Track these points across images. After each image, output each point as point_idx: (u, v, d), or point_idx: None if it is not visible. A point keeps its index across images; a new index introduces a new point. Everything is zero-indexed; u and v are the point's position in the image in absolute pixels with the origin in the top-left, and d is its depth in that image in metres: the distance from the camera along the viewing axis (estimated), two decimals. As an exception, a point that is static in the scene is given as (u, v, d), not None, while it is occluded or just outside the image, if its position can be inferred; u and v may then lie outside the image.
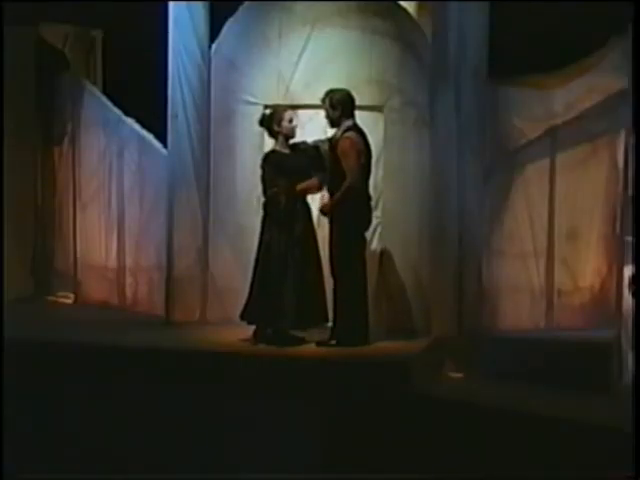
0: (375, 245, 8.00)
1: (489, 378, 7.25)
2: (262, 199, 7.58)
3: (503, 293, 7.83)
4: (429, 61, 7.79)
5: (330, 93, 7.39)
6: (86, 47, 10.26)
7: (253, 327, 7.52)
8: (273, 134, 7.54)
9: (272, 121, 7.50)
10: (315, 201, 7.72)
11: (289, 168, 7.40)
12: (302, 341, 7.41)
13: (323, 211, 7.40)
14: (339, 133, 7.33)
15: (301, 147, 7.55)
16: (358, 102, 7.45)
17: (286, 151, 7.49)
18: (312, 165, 7.46)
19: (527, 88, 8.16)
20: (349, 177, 7.19)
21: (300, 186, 7.42)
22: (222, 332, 7.78)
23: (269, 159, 7.47)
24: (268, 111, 7.65)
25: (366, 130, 7.43)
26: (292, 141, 7.52)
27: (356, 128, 7.34)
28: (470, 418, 6.50)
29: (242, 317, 7.53)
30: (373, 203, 7.58)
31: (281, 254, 7.34)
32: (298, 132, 7.57)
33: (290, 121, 7.47)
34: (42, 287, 9.99)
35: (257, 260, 7.47)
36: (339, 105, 7.33)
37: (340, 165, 7.24)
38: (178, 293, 8.31)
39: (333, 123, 7.41)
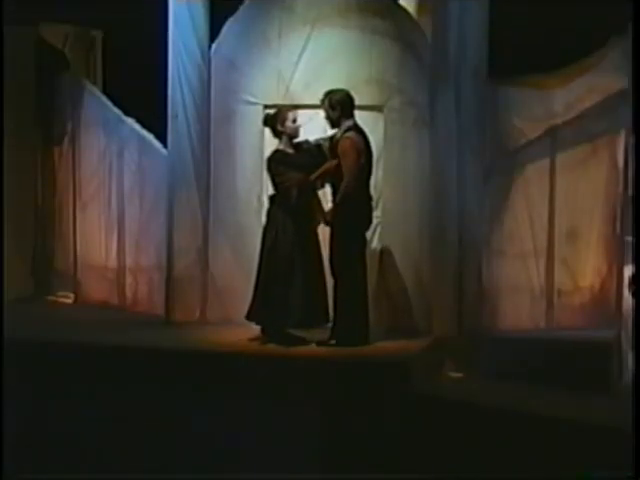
0: (375, 245, 7.99)
1: (489, 378, 7.25)
2: (266, 194, 7.64)
3: (503, 293, 7.83)
4: (429, 61, 7.79)
5: (329, 94, 7.38)
6: (86, 47, 10.26)
7: (254, 327, 7.51)
8: (277, 134, 7.53)
9: (276, 121, 7.49)
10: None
11: (294, 167, 7.40)
12: (303, 341, 7.39)
13: (326, 220, 7.35)
14: (339, 133, 7.33)
15: (304, 146, 7.55)
16: (358, 102, 7.45)
17: (290, 150, 7.48)
18: (315, 163, 7.45)
19: (527, 88, 8.17)
20: (346, 178, 7.17)
21: (315, 174, 7.39)
22: (222, 332, 7.78)
23: (274, 158, 7.46)
24: (272, 111, 7.65)
25: (366, 130, 7.43)
26: (295, 141, 7.53)
27: (357, 128, 7.33)
28: (470, 418, 6.49)
29: (248, 317, 7.51)
30: (373, 203, 7.58)
31: (286, 252, 7.31)
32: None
33: (294, 121, 7.47)
34: (42, 287, 9.99)
35: (261, 259, 7.45)
36: (338, 105, 7.33)
37: (341, 165, 7.24)
38: (178, 293, 8.31)
39: (333, 124, 7.41)
